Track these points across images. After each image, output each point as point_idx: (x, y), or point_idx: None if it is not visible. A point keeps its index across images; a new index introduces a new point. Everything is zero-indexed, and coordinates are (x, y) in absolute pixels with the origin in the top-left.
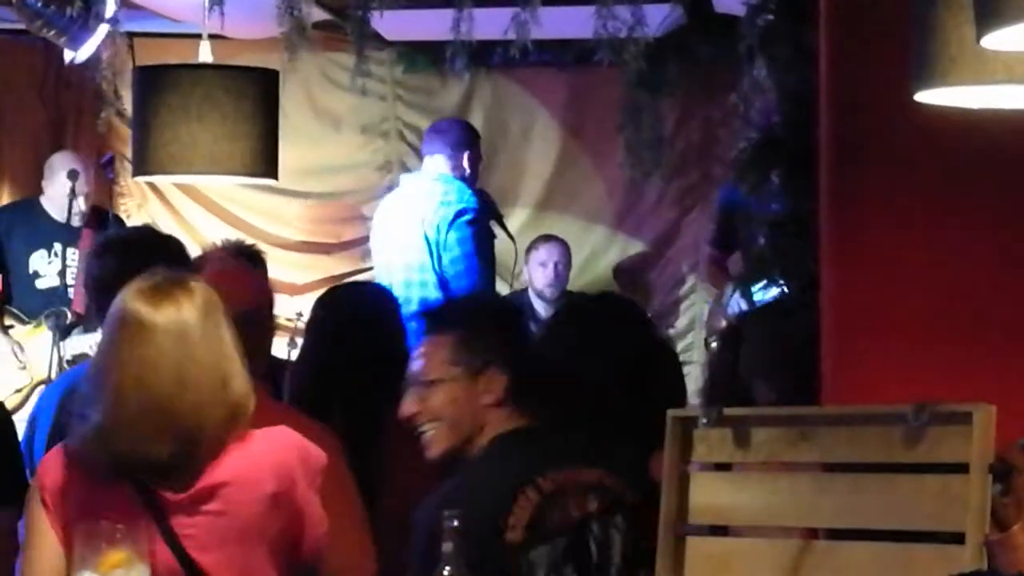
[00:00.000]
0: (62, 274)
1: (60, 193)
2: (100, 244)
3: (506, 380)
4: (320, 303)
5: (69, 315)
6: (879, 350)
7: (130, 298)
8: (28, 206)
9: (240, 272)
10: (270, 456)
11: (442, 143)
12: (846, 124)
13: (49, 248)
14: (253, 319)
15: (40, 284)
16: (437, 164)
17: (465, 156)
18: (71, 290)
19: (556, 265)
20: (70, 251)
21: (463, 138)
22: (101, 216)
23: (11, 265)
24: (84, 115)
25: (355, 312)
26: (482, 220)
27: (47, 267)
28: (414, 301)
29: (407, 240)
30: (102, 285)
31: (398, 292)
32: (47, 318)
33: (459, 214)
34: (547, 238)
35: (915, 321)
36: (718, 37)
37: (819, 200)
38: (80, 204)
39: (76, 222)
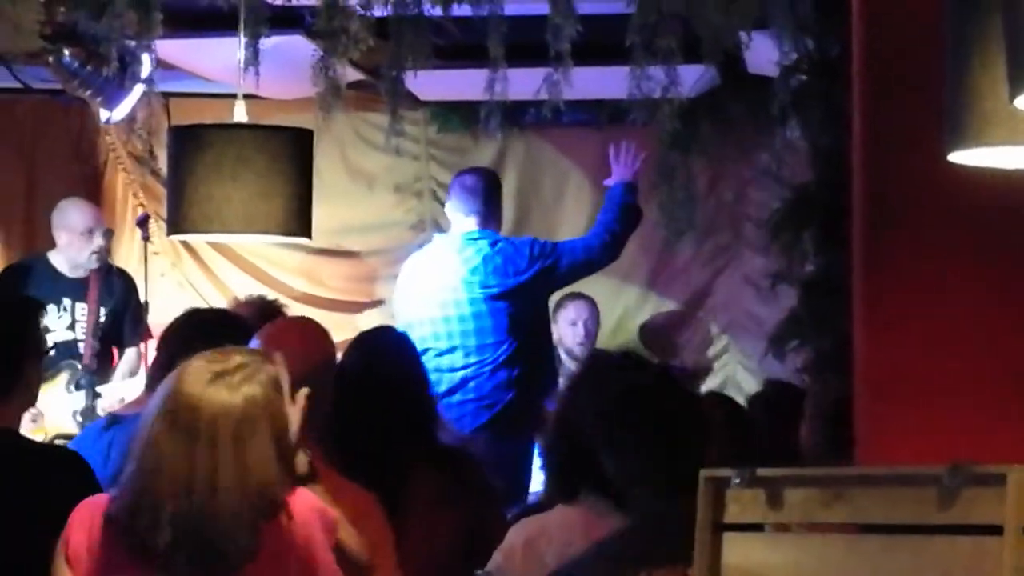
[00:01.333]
0: (72, 328)
1: (74, 246)
2: (181, 322)
3: None
4: (345, 353)
5: (79, 367)
6: (912, 410)
7: (187, 379)
8: (37, 262)
9: (295, 333)
10: (294, 528)
11: (474, 202)
12: (879, 184)
13: (59, 303)
14: (309, 382)
15: (50, 339)
16: (469, 224)
17: (495, 212)
18: (80, 344)
19: (586, 323)
20: (79, 306)
21: (493, 194)
22: (105, 270)
23: None
24: (119, 174)
25: (376, 352)
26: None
27: (56, 322)
28: (443, 369)
29: (437, 304)
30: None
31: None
32: (61, 371)
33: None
34: (575, 296)
35: (949, 381)
36: (751, 97)
37: (852, 260)
38: (83, 260)
39: (81, 274)
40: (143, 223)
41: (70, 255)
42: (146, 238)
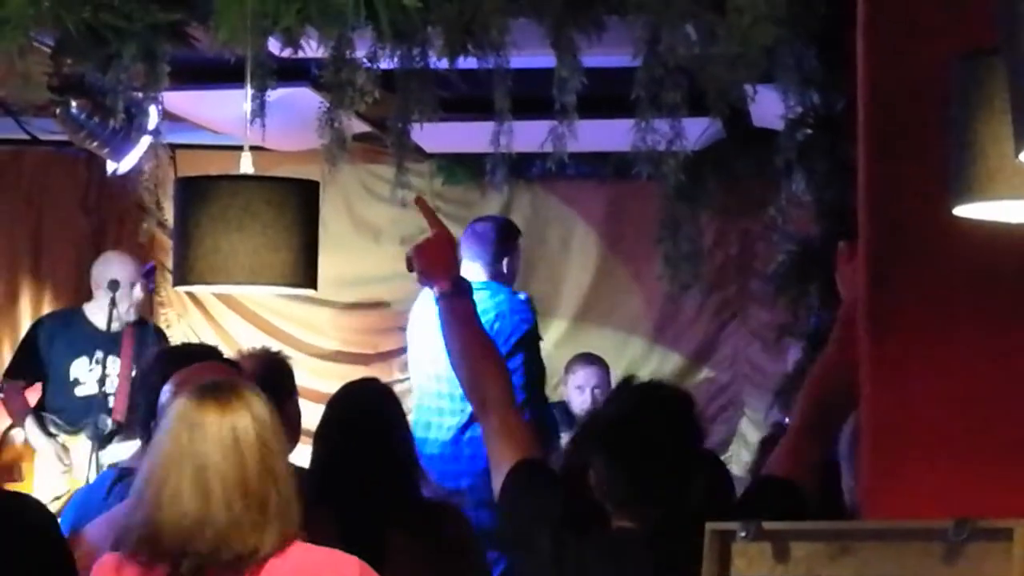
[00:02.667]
0: (102, 381)
1: (104, 300)
2: (161, 360)
3: None
4: (327, 406)
5: (110, 423)
6: (919, 465)
7: (183, 400)
8: (71, 314)
9: (216, 373)
10: (327, 570)
11: (480, 249)
12: (884, 238)
13: (90, 355)
14: None
15: (80, 391)
16: (475, 272)
17: (504, 262)
18: (111, 398)
19: (593, 390)
20: (111, 359)
21: (503, 244)
22: (141, 324)
23: (51, 373)
24: (126, 226)
25: (360, 407)
26: (535, 334)
27: (87, 374)
28: (445, 412)
29: (439, 347)
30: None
31: (429, 403)
32: (85, 427)
33: (516, 329)
34: (587, 360)
35: (955, 435)
36: (756, 151)
37: (859, 314)
38: (121, 312)
39: (116, 327)
40: (149, 274)
41: (101, 307)
42: (152, 289)
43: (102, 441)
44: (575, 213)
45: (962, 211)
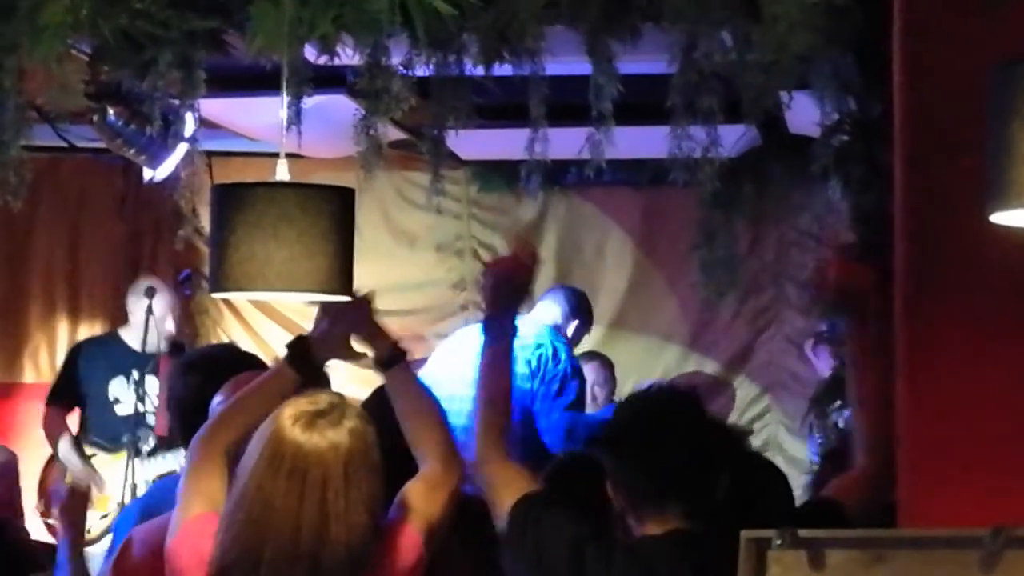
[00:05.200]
0: (141, 400)
1: (140, 322)
2: (183, 363)
3: None
4: (363, 406)
5: (152, 438)
6: (956, 474)
7: (287, 424)
8: (108, 338)
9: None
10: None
11: (563, 301)
12: (921, 245)
13: (127, 375)
14: None
15: (120, 410)
16: (552, 314)
17: (574, 325)
18: (150, 416)
19: (593, 387)
20: (149, 379)
21: (579, 311)
22: (179, 346)
23: (91, 395)
24: (162, 233)
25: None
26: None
27: (126, 393)
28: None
29: (464, 383)
30: (188, 404)
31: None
32: (127, 444)
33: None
34: (590, 357)
35: (992, 444)
36: (792, 158)
37: (894, 321)
38: (158, 326)
39: (152, 348)
40: (186, 281)
41: (137, 329)
42: (189, 295)
43: (147, 455)
44: (610, 220)
45: (999, 218)
